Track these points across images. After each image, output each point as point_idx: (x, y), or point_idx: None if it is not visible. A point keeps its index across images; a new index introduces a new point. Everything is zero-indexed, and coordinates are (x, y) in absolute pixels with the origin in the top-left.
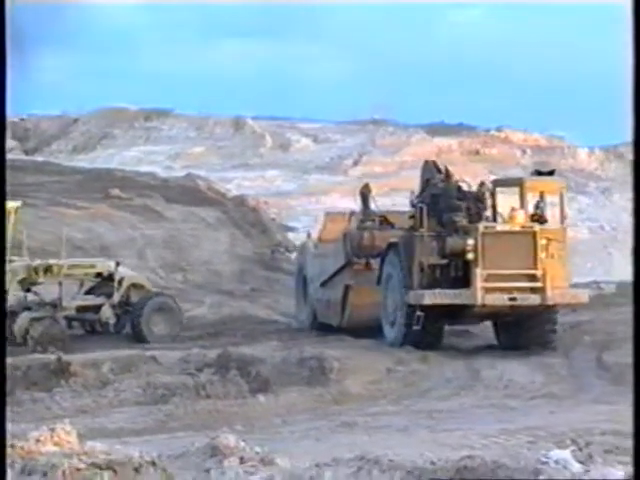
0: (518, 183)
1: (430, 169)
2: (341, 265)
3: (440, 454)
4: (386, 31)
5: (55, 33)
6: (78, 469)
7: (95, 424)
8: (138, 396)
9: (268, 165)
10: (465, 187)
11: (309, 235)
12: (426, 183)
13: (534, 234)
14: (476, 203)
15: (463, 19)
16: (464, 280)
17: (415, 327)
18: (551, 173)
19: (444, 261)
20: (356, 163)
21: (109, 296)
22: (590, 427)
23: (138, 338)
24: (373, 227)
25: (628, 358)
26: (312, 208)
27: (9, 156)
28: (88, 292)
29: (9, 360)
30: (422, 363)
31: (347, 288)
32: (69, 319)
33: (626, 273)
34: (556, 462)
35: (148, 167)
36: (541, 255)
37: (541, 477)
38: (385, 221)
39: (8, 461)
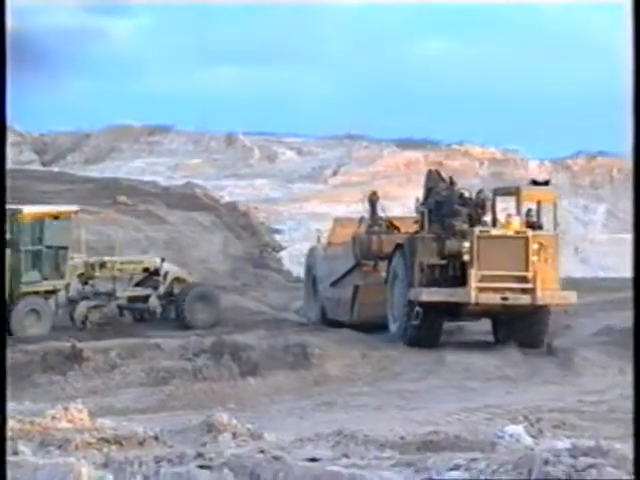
0: (515, 192)
1: (433, 178)
2: (351, 266)
3: (409, 429)
4: (361, 57)
5: (69, 58)
6: (89, 443)
7: (104, 403)
8: (142, 379)
9: (257, 175)
10: (467, 194)
11: (318, 239)
12: (429, 191)
13: (526, 239)
14: (476, 209)
15: (429, 47)
16: (461, 280)
17: (414, 322)
18: (546, 183)
19: (443, 262)
20: (335, 173)
21: (155, 288)
22: (540, 405)
23: (182, 324)
24: (380, 231)
25: (572, 344)
26: (296, 213)
27: (30, 167)
28: (137, 284)
29: (30, 347)
30: (394, 350)
31: (356, 287)
32: (121, 308)
33: (570, 270)
34: (510, 436)
35: (151, 177)
36: (532, 258)
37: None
38: (391, 226)
39: (28, 436)
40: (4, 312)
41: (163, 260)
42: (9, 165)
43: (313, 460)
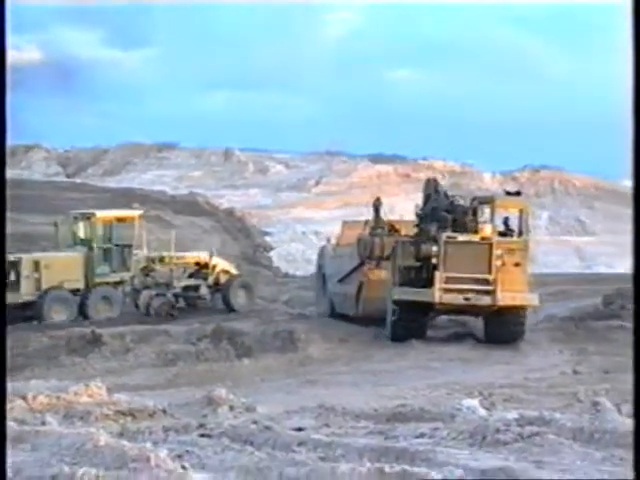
0: (490, 201)
1: (430, 186)
2: (356, 265)
3: (380, 403)
4: (339, 84)
5: (89, 85)
6: (107, 415)
7: (120, 381)
8: (152, 360)
9: (251, 185)
10: (461, 202)
11: (328, 240)
12: (427, 198)
13: (490, 245)
14: (464, 216)
15: (398, 75)
16: (432, 281)
17: (392, 318)
18: (518, 194)
19: (418, 264)
20: (317, 184)
21: (205, 279)
22: (492, 382)
23: (227, 309)
24: (382, 234)
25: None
26: (284, 218)
27: (55, 178)
28: (190, 276)
29: (57, 332)
30: (368, 335)
31: (361, 284)
32: (176, 296)
33: None
34: (467, 408)
35: (160, 187)
36: (496, 263)
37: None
38: (393, 229)
39: (54, 410)
40: (4, 308)
41: (212, 255)
42: (38, 177)
43: (299, 429)
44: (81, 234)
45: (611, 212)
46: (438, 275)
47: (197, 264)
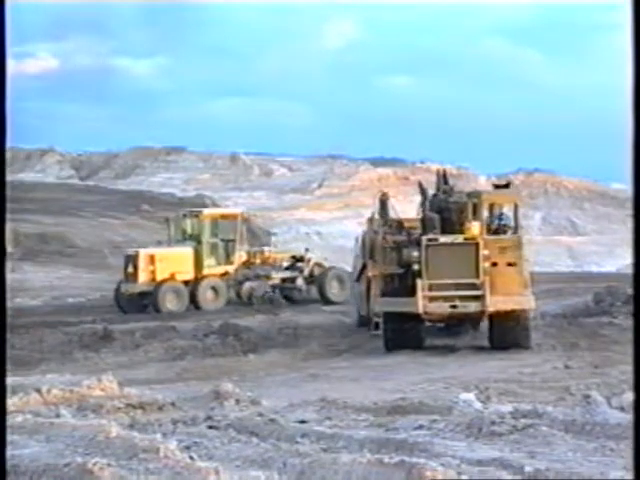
0: (476, 196)
1: (423, 188)
2: (363, 263)
3: (380, 397)
4: (341, 90)
5: (101, 91)
6: (118, 408)
7: (130, 375)
8: (161, 355)
9: (256, 188)
10: (458, 199)
11: (357, 240)
12: (433, 197)
13: (476, 245)
14: (459, 214)
15: (397, 82)
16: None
17: (374, 332)
18: (507, 186)
19: (401, 271)
20: (319, 186)
21: (301, 271)
22: (487, 377)
23: (323, 300)
24: (385, 231)
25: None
26: (287, 219)
27: (69, 181)
28: (286, 269)
29: (71, 329)
30: (368, 331)
31: (369, 282)
32: (274, 287)
33: None
34: (464, 402)
35: (168, 189)
36: (484, 265)
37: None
38: (399, 225)
39: (67, 403)
40: (4, 308)
41: (307, 250)
42: (52, 179)
43: (302, 422)
44: (189, 230)
45: (601, 213)
46: (420, 283)
47: (293, 258)
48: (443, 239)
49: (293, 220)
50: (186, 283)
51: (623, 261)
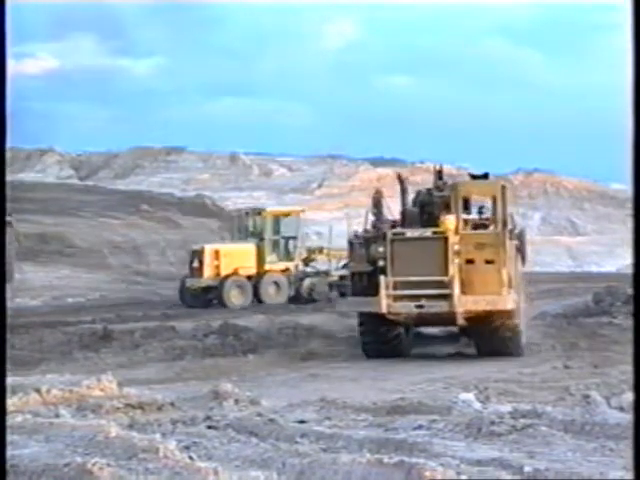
0: (452, 188)
1: (403, 182)
2: (344, 263)
3: (380, 397)
4: (340, 90)
5: (100, 92)
6: (117, 408)
7: (130, 375)
8: (161, 355)
9: (255, 187)
10: (445, 193)
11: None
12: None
13: (445, 240)
14: (443, 209)
15: (396, 82)
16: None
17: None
18: (485, 176)
19: (369, 269)
20: (319, 186)
21: None
22: (487, 377)
23: None
24: (365, 229)
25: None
26: None
27: (69, 181)
28: (344, 266)
29: (71, 328)
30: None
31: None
32: (331, 285)
33: None
34: (463, 402)
35: (168, 189)
36: (455, 261)
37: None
38: (393, 225)
39: (66, 403)
40: (5, 308)
41: None
42: (52, 179)
43: (301, 422)
44: (252, 227)
45: (601, 213)
46: (384, 280)
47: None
48: (410, 233)
49: None
50: (249, 278)
51: (623, 261)
